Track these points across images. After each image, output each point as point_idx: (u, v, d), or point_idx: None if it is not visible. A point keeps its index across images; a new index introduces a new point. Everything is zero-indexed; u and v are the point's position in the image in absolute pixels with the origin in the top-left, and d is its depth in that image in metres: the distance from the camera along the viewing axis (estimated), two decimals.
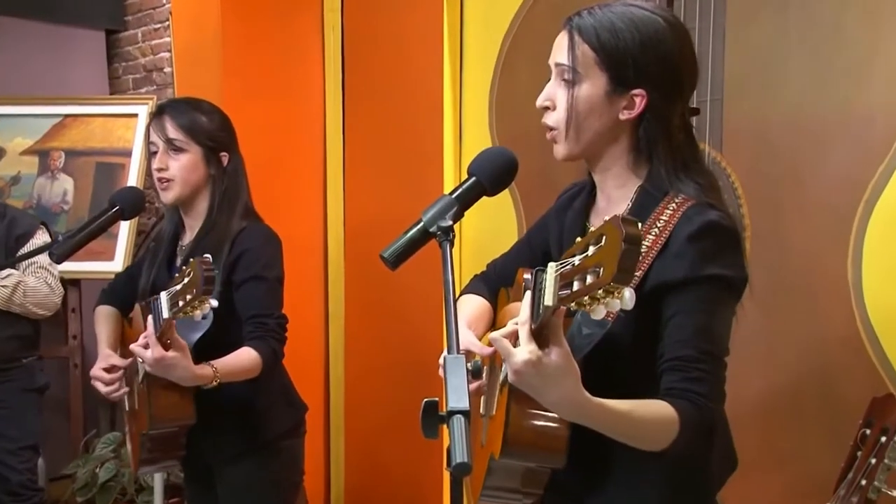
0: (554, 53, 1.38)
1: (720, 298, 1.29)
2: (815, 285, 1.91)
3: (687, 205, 1.32)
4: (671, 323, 1.28)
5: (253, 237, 2.10)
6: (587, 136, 1.37)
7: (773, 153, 1.97)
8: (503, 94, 2.53)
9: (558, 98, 1.37)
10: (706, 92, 2.04)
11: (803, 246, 1.92)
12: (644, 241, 1.30)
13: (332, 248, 3.14)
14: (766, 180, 1.98)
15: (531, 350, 1.14)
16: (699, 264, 1.28)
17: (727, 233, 1.31)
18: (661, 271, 1.29)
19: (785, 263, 1.95)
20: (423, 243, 1.27)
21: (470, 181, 1.30)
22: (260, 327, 2.03)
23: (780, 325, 1.96)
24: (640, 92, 1.35)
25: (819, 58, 1.90)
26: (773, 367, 1.97)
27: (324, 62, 3.10)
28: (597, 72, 1.35)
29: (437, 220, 1.24)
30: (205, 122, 2.13)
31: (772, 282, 1.96)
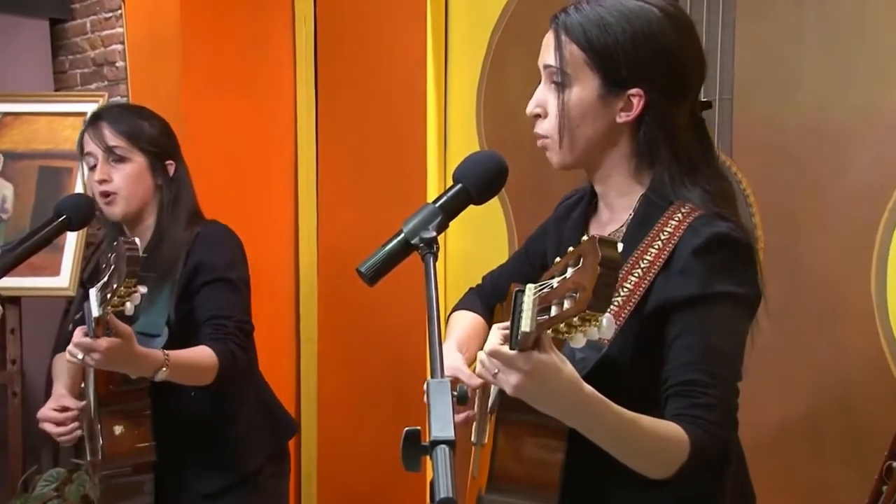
0: (542, 55, 1.40)
1: (731, 318, 1.30)
2: (835, 303, 1.93)
3: (693, 215, 1.33)
4: (676, 344, 1.29)
5: (210, 240, 2.10)
6: (582, 143, 1.38)
7: (789, 158, 2.00)
8: (492, 92, 2.55)
9: (549, 104, 1.38)
10: (714, 91, 2.06)
11: (822, 260, 1.95)
12: (646, 255, 1.31)
13: (304, 263, 3.14)
14: (781, 188, 2.00)
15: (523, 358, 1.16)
16: (707, 281, 1.28)
17: (738, 246, 1.32)
18: (664, 289, 1.30)
19: (801, 279, 1.98)
20: (404, 256, 1.28)
21: (455, 188, 1.32)
22: (218, 329, 2.01)
23: (796, 348, 1.98)
24: (637, 91, 1.36)
25: (838, 54, 1.93)
26: (790, 393, 1.98)
27: (294, 56, 3.11)
28: (588, 72, 1.36)
29: (419, 231, 1.26)
30: (147, 128, 2.13)
31: (787, 299, 1.98)
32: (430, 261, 1.21)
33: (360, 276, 1.29)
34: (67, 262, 3.42)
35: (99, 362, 1.81)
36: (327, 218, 3.12)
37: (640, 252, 1.32)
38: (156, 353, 1.87)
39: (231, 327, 2.02)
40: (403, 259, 1.28)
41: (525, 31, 2.46)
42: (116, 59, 3.74)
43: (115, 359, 1.80)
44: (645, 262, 1.31)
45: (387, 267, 1.28)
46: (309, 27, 3.09)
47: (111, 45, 3.82)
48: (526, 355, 1.15)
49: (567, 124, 1.36)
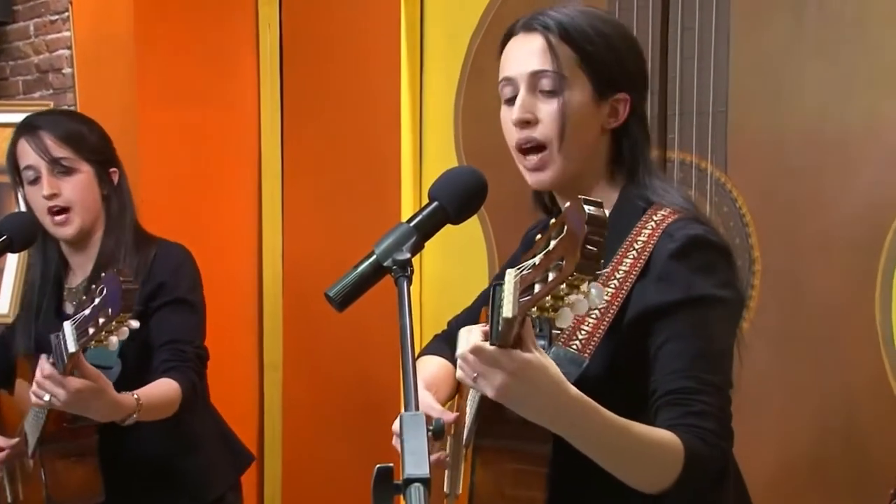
0: (520, 62, 1.42)
1: (717, 322, 1.33)
2: (838, 328, 1.94)
3: (668, 220, 1.36)
4: (662, 353, 1.31)
5: (171, 260, 2.10)
6: (578, 149, 1.41)
7: (787, 174, 2.01)
8: (471, 102, 2.57)
9: (540, 110, 1.40)
10: (708, 103, 2.09)
11: (823, 282, 1.96)
12: (621, 266, 1.33)
13: (268, 284, 3.13)
14: (779, 206, 2.02)
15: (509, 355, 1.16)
16: (688, 284, 1.31)
17: (716, 248, 1.36)
18: (643, 297, 1.32)
19: (802, 304, 1.99)
20: (377, 280, 1.28)
21: (431, 206, 1.32)
22: (177, 355, 2.01)
23: (796, 376, 1.99)
24: (623, 96, 1.41)
25: (839, 63, 1.95)
26: (790, 425, 2.00)
27: (258, 64, 3.12)
28: (580, 75, 1.40)
29: (392, 252, 1.26)
30: (88, 134, 2.11)
31: (787, 325, 2.00)
32: (403, 285, 1.22)
33: (328, 300, 1.29)
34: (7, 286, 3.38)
35: (65, 403, 1.77)
36: (293, 237, 3.11)
37: (615, 262, 1.35)
38: (128, 400, 1.86)
39: (190, 354, 2.03)
40: (375, 283, 1.29)
41: None
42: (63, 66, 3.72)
43: (84, 402, 1.78)
44: (621, 272, 1.34)
45: (357, 291, 1.28)
46: (274, 33, 3.09)
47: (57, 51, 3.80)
48: (509, 353, 1.15)
49: (568, 128, 1.39)
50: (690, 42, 2.11)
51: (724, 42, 2.08)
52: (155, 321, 2.03)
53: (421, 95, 2.67)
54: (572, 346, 1.31)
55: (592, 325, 1.31)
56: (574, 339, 1.31)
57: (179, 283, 2.08)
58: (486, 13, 2.52)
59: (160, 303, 2.05)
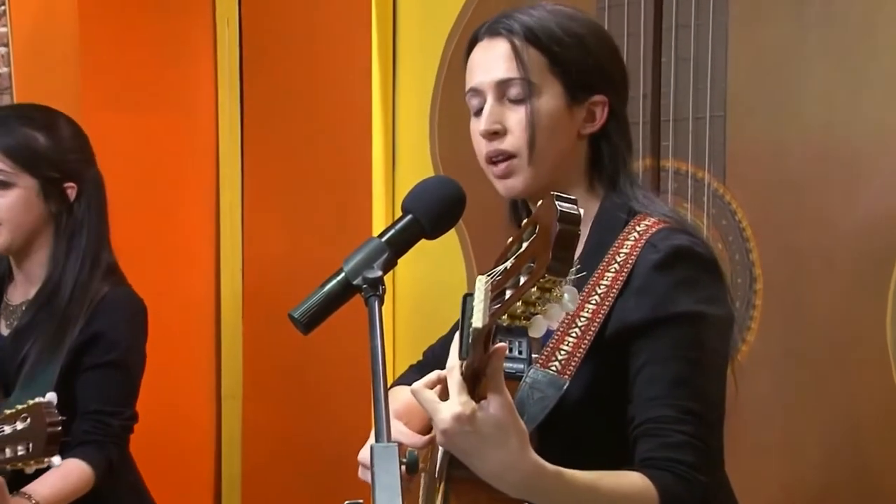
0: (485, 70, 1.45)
1: (702, 341, 1.34)
2: (846, 351, 1.96)
3: (652, 230, 1.38)
4: (640, 377, 1.32)
5: (115, 310, 2.07)
6: (552, 159, 1.43)
7: (791, 185, 2.03)
8: (448, 107, 2.58)
9: (509, 119, 1.43)
10: (705, 108, 2.11)
11: (830, 301, 1.98)
12: (602, 280, 1.35)
13: (227, 306, 3.13)
14: (782, 220, 2.04)
15: (462, 402, 1.17)
16: (669, 299, 1.33)
17: (702, 260, 1.37)
18: (623, 312, 1.34)
19: (807, 325, 2.01)
20: (345, 300, 1.29)
21: (405, 220, 1.34)
22: (99, 427, 2.01)
23: (801, 403, 2.00)
24: (600, 99, 1.43)
25: (846, 65, 1.98)
26: (795, 458, 2.01)
27: (215, 64, 3.12)
28: (550, 79, 1.42)
29: (362, 269, 1.27)
30: (41, 143, 2.07)
31: (790, 348, 2.02)
32: (374, 305, 1.23)
33: (292, 322, 1.30)
34: None
35: None
36: (254, 253, 3.11)
37: (597, 276, 1.36)
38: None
39: (115, 427, 2.03)
40: (344, 303, 1.30)
41: None
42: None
43: None
44: (602, 286, 1.35)
45: (324, 312, 1.29)
46: (233, 30, 3.09)
47: None
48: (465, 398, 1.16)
49: (538, 137, 1.41)
50: (685, 41, 2.13)
51: (721, 41, 2.10)
52: (82, 383, 2.02)
53: (393, 99, 2.68)
54: (551, 368, 1.32)
55: (572, 345, 1.33)
56: (553, 360, 1.33)
57: (118, 341, 2.05)
58: (464, 10, 2.53)
59: (91, 363, 2.03)
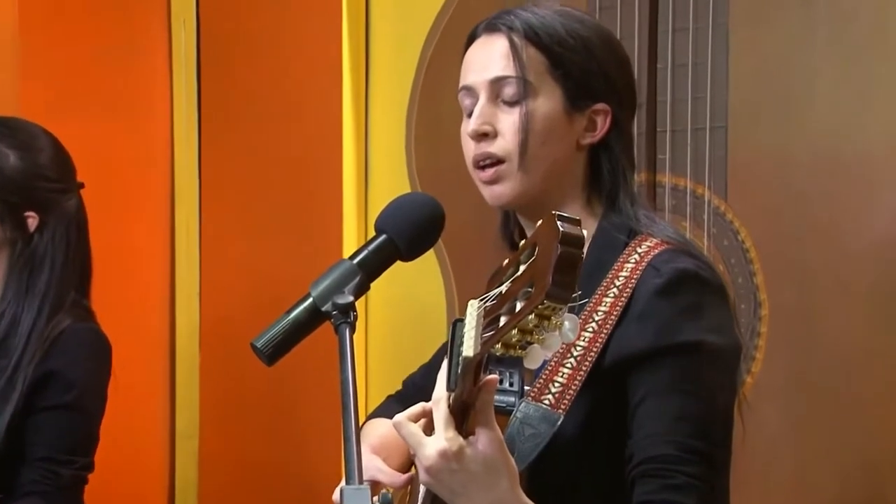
0: (480, 68, 1.47)
1: (707, 373, 1.35)
2: (861, 384, 1.98)
3: (654, 252, 1.40)
4: (641, 412, 1.34)
5: (74, 347, 2.07)
6: (546, 166, 1.45)
7: (798, 201, 2.06)
8: (426, 117, 2.59)
9: (500, 121, 1.45)
10: (705, 117, 2.13)
11: (842, 331, 2.00)
12: (600, 305, 1.36)
13: (182, 335, 3.12)
14: (789, 239, 2.06)
15: (449, 437, 1.18)
16: (672, 328, 1.34)
17: (708, 286, 1.39)
18: (622, 341, 1.36)
19: (818, 354, 2.03)
20: (313, 328, 1.30)
21: (378, 240, 1.35)
22: (49, 477, 2.00)
23: (813, 444, 2.02)
24: (603, 107, 1.45)
25: (856, 69, 2.01)
26: (805, 497, 2.02)
27: (170, 68, 3.12)
28: (550, 82, 1.45)
29: (332, 294, 1.28)
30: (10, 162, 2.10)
31: (800, 382, 2.03)
32: (345, 333, 1.24)
33: (255, 352, 1.30)
34: None
35: None
36: (213, 277, 3.11)
37: (594, 301, 1.38)
38: None
39: (66, 477, 2.01)
40: (312, 331, 1.31)
41: None
42: None
43: None
44: (600, 312, 1.37)
45: (290, 341, 1.30)
46: (190, 30, 3.10)
47: None
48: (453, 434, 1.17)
49: (531, 142, 1.43)
50: (683, 46, 2.15)
51: (722, 45, 2.12)
52: (32, 426, 2.01)
53: (366, 106, 2.69)
54: (544, 402, 1.33)
55: (567, 376, 1.34)
56: (546, 392, 1.34)
57: (74, 381, 2.05)
58: (443, 9, 2.55)
59: (43, 404, 2.02)
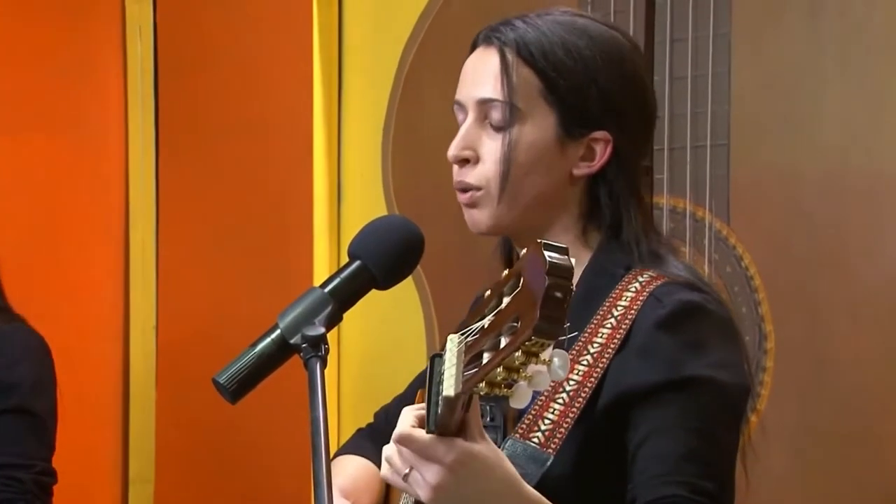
0: (471, 84, 1.47)
1: (713, 412, 1.36)
2: (873, 420, 2.00)
3: (656, 283, 1.41)
4: (644, 451, 1.35)
5: (13, 350, 2.10)
6: (528, 199, 1.45)
7: (805, 225, 2.07)
8: (404, 134, 2.60)
9: (483, 146, 1.45)
10: (705, 134, 2.15)
11: (855, 365, 2.02)
12: (596, 337, 1.37)
13: (137, 369, 3.11)
14: (795, 265, 2.08)
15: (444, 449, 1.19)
16: (676, 362, 1.35)
17: (715, 319, 1.41)
18: (621, 375, 1.37)
19: (827, 389, 2.04)
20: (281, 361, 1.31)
21: (352, 267, 1.36)
22: (10, 485, 2.01)
23: (823, 489, 2.03)
24: (602, 135, 1.45)
25: (869, 83, 2.03)
26: None
27: (125, 79, 3.11)
28: (543, 107, 1.44)
29: (301, 325, 1.28)
30: None
31: (808, 418, 2.05)
32: (316, 368, 1.24)
33: (217, 389, 1.30)
34: None
35: None
36: (171, 307, 3.10)
37: (588, 333, 1.39)
38: None
39: (28, 483, 2.03)
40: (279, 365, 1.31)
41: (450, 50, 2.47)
42: None
43: None
44: (595, 345, 1.38)
45: (256, 377, 1.30)
46: (146, 39, 3.09)
47: None
48: (448, 442, 1.18)
49: (513, 172, 1.43)
50: (682, 57, 2.18)
51: (723, 56, 2.14)
52: None
53: (339, 123, 2.70)
54: (533, 440, 1.34)
55: (559, 413, 1.35)
56: (535, 429, 1.35)
57: (20, 384, 2.07)
58: (423, 17, 2.56)
59: None
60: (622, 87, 1.46)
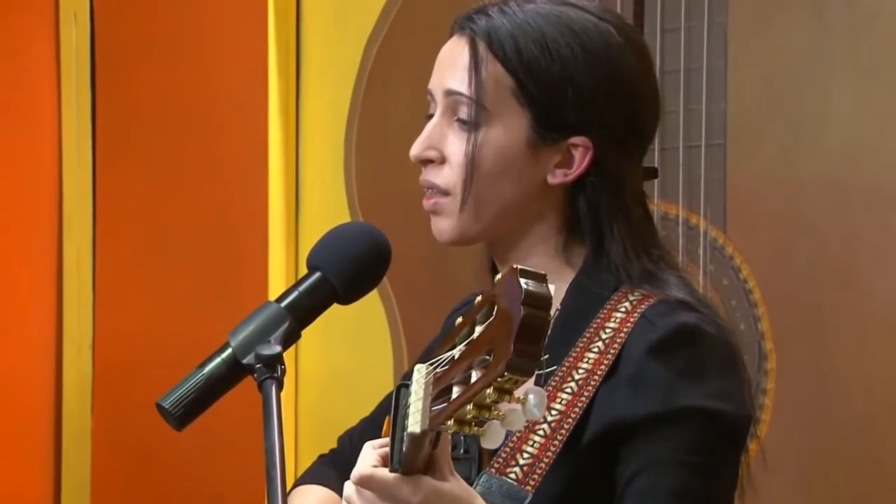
0: (442, 74, 1.47)
1: (711, 445, 1.37)
2: (883, 449, 2.01)
3: (647, 303, 1.41)
4: (634, 486, 1.35)
5: None
6: (496, 207, 1.45)
7: (808, 234, 2.09)
8: (369, 132, 2.60)
9: (449, 145, 1.45)
10: (699, 134, 2.16)
11: (862, 384, 2.03)
12: (581, 363, 1.38)
13: (71, 396, 3.10)
14: (797, 276, 2.09)
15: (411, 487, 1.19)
16: (670, 392, 1.36)
17: (712, 342, 1.40)
18: (609, 405, 1.37)
19: (833, 413, 2.05)
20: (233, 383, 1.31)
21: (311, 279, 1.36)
22: None
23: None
24: (581, 141, 1.44)
25: (879, 80, 2.04)
26: None
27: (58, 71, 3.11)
28: (514, 107, 1.44)
29: (255, 344, 1.29)
30: None
31: (812, 445, 2.06)
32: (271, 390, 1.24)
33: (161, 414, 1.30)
34: None
35: None
36: (109, 324, 3.09)
37: (573, 358, 1.39)
38: None
39: None
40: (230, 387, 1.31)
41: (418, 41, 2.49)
42: None
43: None
44: (581, 371, 1.38)
45: (204, 401, 1.30)
46: (82, 25, 3.09)
47: None
48: (415, 481, 1.19)
49: (478, 177, 1.43)
50: (674, 49, 2.19)
51: (719, 50, 2.16)
52: None
53: (297, 120, 2.70)
54: (510, 475, 1.35)
55: (539, 446, 1.35)
56: (513, 464, 1.35)
57: None
58: (389, 4, 2.56)
59: None
60: (605, 89, 1.44)
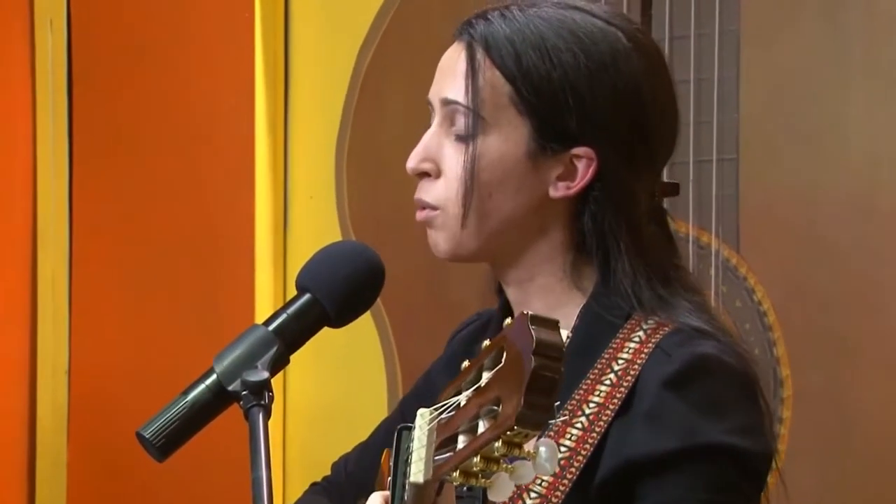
0: (439, 82, 1.48)
1: (732, 483, 1.37)
2: None
3: (662, 332, 1.41)
4: None
5: None
6: (495, 223, 1.45)
7: (828, 252, 2.09)
8: (361, 147, 2.61)
9: (445, 157, 1.46)
10: (710, 147, 2.16)
11: (882, 413, 2.04)
12: (593, 396, 1.38)
13: (45, 422, 3.10)
14: (815, 298, 2.10)
15: None
16: (689, 427, 1.36)
17: (732, 374, 1.40)
18: (623, 442, 1.37)
19: (852, 444, 2.06)
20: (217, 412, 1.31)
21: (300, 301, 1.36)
22: None
23: None
24: (585, 152, 1.44)
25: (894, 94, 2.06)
26: None
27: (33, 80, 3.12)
28: (514, 117, 1.44)
29: (241, 370, 1.29)
30: None
31: (831, 475, 2.06)
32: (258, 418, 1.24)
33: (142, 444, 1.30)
34: None
35: None
36: (86, 346, 3.09)
37: (584, 392, 1.39)
38: None
39: None
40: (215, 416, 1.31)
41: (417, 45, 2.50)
42: None
43: None
44: (592, 405, 1.38)
45: (187, 430, 1.30)
46: (58, 33, 3.09)
47: None
48: None
49: (476, 191, 1.43)
50: (684, 58, 2.19)
51: (731, 59, 2.16)
52: None
53: (285, 134, 2.70)
54: None
55: (548, 485, 1.35)
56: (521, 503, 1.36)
57: None
58: (382, 13, 2.57)
59: None
60: (610, 97, 1.44)
